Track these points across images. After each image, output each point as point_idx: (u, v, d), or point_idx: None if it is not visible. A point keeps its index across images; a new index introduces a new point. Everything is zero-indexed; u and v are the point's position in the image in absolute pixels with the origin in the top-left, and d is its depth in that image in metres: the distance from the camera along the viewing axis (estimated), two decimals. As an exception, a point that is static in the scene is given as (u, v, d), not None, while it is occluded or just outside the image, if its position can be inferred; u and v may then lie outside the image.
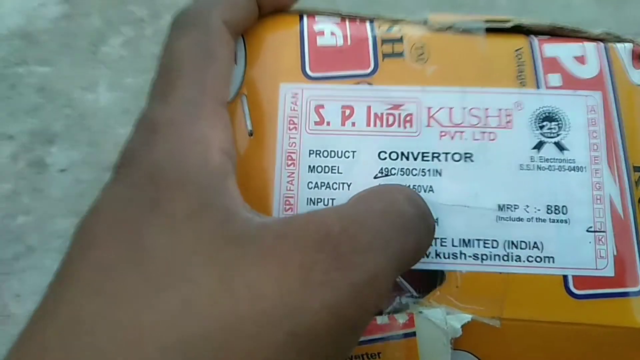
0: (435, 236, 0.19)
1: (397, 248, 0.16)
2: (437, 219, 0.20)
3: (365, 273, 0.15)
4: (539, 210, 0.20)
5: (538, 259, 0.19)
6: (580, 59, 0.21)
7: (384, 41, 0.21)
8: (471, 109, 0.20)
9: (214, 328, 0.14)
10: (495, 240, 0.19)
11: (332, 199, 0.20)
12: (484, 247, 0.19)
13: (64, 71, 0.47)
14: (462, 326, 0.19)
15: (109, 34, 0.49)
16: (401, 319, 0.19)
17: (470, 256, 0.19)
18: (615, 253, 0.19)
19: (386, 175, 0.20)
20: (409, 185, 0.20)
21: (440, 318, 0.19)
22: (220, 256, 0.15)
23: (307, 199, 0.20)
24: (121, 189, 0.16)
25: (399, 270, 0.17)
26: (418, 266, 0.19)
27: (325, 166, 0.20)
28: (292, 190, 0.20)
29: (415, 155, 0.20)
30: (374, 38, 0.21)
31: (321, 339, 0.14)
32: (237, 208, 0.16)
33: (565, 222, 0.19)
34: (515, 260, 0.19)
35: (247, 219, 0.16)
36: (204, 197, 0.15)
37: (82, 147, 0.44)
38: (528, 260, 0.19)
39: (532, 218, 0.20)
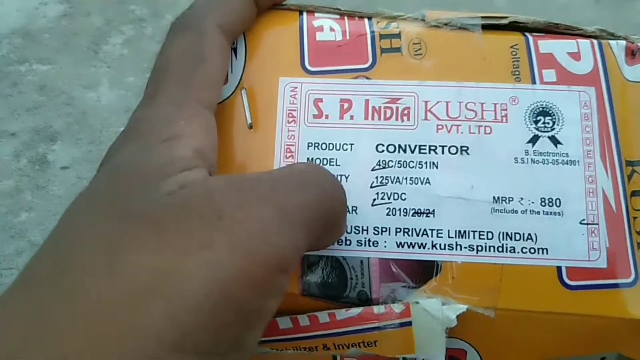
0: (432, 227, 0.20)
1: (293, 201, 0.16)
2: (433, 211, 0.20)
3: (248, 227, 0.15)
4: (533, 202, 0.20)
5: (532, 251, 0.20)
6: (575, 56, 0.21)
7: (382, 37, 0.22)
8: (467, 103, 0.21)
9: (93, 310, 0.13)
10: (491, 232, 0.20)
11: None
12: (479, 238, 0.20)
13: (65, 70, 0.48)
14: (457, 316, 0.19)
15: (109, 33, 0.49)
16: (397, 308, 0.19)
17: (465, 247, 0.20)
18: (607, 245, 0.20)
19: (384, 167, 0.20)
20: (407, 177, 0.20)
21: (436, 308, 0.19)
22: (114, 237, 0.15)
23: (306, 190, 0.20)
24: (86, 190, 0.16)
25: (304, 222, 0.16)
26: (415, 257, 0.20)
27: (323, 158, 0.20)
28: (291, 182, 0.20)
29: (412, 147, 0.21)
30: (372, 33, 0.22)
31: (207, 304, 0.14)
32: (164, 180, 0.15)
33: (559, 214, 0.20)
34: (510, 252, 0.20)
35: (158, 192, 0.15)
36: (141, 181, 0.15)
37: (83, 144, 0.44)
38: (522, 252, 0.20)
39: (527, 210, 0.20)
